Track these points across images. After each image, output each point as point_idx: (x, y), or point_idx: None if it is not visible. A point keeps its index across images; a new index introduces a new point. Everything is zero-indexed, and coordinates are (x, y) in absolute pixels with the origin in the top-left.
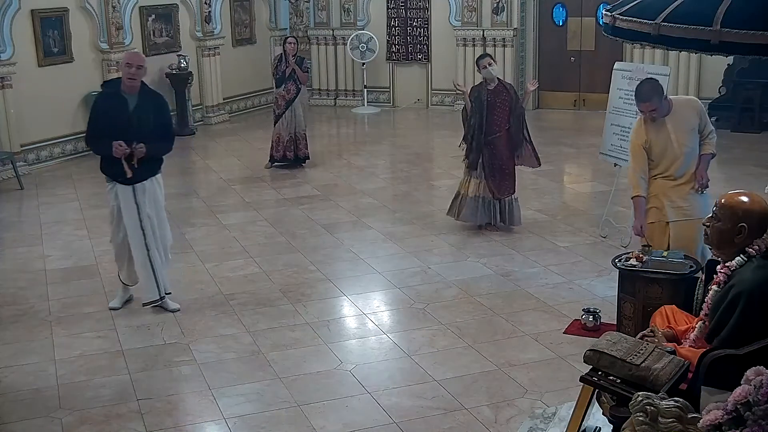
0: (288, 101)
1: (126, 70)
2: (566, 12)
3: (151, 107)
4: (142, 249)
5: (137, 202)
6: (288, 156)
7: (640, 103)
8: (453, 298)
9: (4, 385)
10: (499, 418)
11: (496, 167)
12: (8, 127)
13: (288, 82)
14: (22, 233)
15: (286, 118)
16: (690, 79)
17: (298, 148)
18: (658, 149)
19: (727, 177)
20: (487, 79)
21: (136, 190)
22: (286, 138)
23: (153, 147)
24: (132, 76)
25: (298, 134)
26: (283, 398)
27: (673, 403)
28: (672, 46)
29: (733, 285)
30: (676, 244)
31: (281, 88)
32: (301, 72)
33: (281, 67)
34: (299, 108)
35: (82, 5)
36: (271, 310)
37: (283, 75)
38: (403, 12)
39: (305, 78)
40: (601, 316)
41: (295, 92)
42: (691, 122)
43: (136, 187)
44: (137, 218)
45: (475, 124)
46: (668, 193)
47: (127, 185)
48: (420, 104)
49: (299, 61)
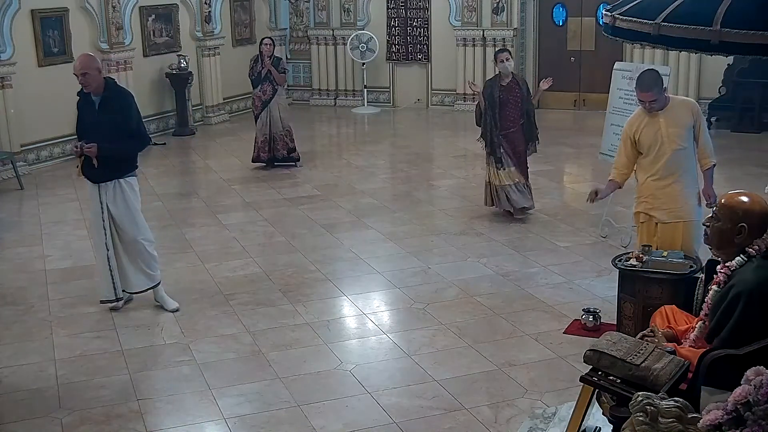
0: (264, 102)
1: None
2: (566, 12)
3: (115, 106)
4: (102, 248)
5: (101, 201)
6: (263, 156)
7: (640, 92)
8: (453, 298)
9: (4, 385)
10: (499, 418)
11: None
12: (8, 127)
13: (264, 83)
14: (22, 233)
15: (262, 119)
16: (690, 79)
17: (276, 148)
18: (648, 141)
19: (727, 177)
20: (502, 73)
21: (100, 189)
22: (261, 139)
23: (114, 146)
24: (81, 83)
25: (275, 134)
26: (283, 398)
27: (673, 403)
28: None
29: (733, 285)
30: (663, 245)
31: (257, 89)
32: (278, 73)
33: (257, 68)
34: (275, 109)
35: (82, 5)
36: (271, 310)
37: (258, 75)
38: (403, 12)
39: (282, 79)
40: (601, 316)
41: (271, 93)
42: (684, 120)
43: (101, 185)
44: (100, 217)
45: (490, 121)
46: (657, 194)
47: (93, 183)
48: (420, 104)
49: (276, 62)
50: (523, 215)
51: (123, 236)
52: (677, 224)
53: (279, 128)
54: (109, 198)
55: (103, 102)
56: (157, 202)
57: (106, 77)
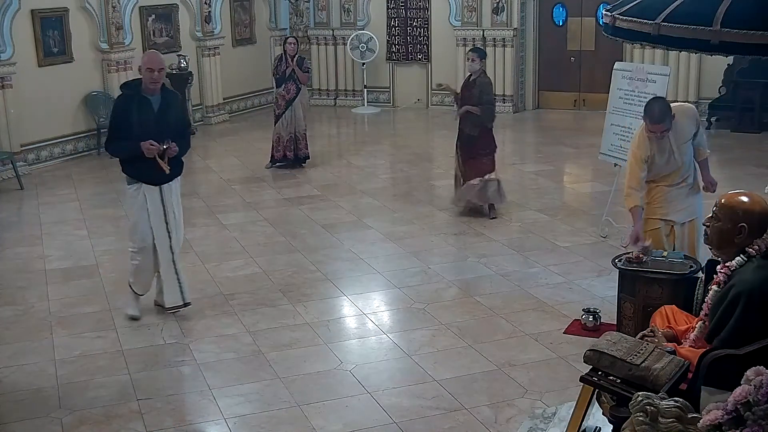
0: (288, 101)
1: (148, 74)
2: (566, 12)
3: (173, 106)
4: (167, 252)
5: (164, 203)
6: (288, 156)
7: (652, 124)
8: (453, 298)
9: (4, 385)
10: (499, 418)
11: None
12: (8, 127)
13: (288, 82)
14: (22, 233)
15: (286, 118)
16: (690, 79)
17: (299, 148)
18: (662, 162)
19: (727, 177)
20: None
21: (163, 191)
22: (286, 138)
23: (179, 145)
24: (155, 80)
25: (298, 134)
26: (283, 398)
27: (673, 403)
28: (672, 46)
29: (733, 285)
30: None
31: (281, 88)
32: (301, 72)
33: (281, 67)
34: (299, 108)
35: (82, 5)
36: (271, 310)
37: (283, 75)
38: (403, 12)
39: (305, 78)
40: (601, 316)
41: (295, 92)
42: (689, 131)
43: (163, 187)
44: (164, 220)
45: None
46: (668, 197)
47: (154, 186)
48: (420, 104)
49: (299, 61)
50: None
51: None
52: (692, 222)
53: (302, 127)
54: (173, 198)
55: (163, 102)
56: None
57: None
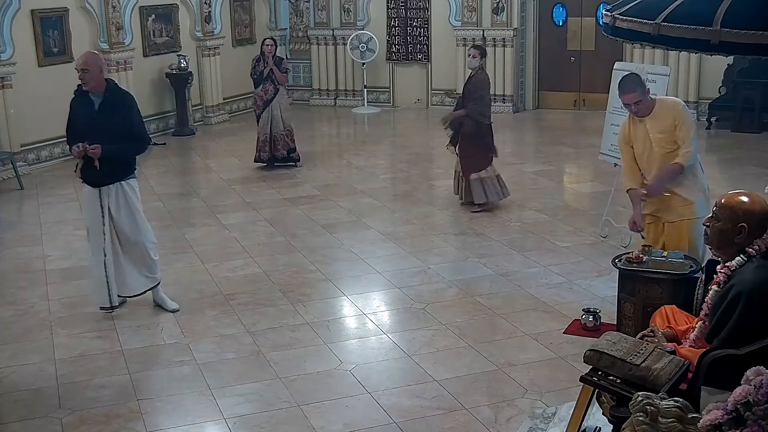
0: (266, 102)
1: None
2: (566, 12)
3: (116, 107)
4: (99, 254)
5: (102, 205)
6: (263, 156)
7: (623, 94)
8: (453, 298)
9: (4, 385)
10: (499, 418)
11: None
12: (8, 127)
13: (266, 82)
14: (22, 233)
15: (264, 118)
16: (690, 79)
17: (276, 148)
18: (639, 147)
19: (727, 177)
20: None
21: (101, 193)
22: (262, 138)
23: (117, 148)
24: (81, 79)
25: (275, 135)
26: (283, 398)
27: (673, 403)
28: (672, 46)
29: (733, 285)
30: (671, 244)
31: (259, 89)
32: (280, 73)
33: (259, 67)
34: (277, 109)
35: (82, 5)
36: (271, 310)
37: (260, 75)
38: (403, 12)
39: (283, 78)
40: (601, 316)
41: (273, 93)
42: (667, 124)
43: (102, 189)
44: (100, 222)
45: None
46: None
47: (93, 188)
48: (420, 104)
49: (278, 61)
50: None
51: (124, 240)
52: (682, 222)
53: (280, 128)
54: (111, 202)
55: (104, 103)
56: (157, 203)
57: (108, 78)
